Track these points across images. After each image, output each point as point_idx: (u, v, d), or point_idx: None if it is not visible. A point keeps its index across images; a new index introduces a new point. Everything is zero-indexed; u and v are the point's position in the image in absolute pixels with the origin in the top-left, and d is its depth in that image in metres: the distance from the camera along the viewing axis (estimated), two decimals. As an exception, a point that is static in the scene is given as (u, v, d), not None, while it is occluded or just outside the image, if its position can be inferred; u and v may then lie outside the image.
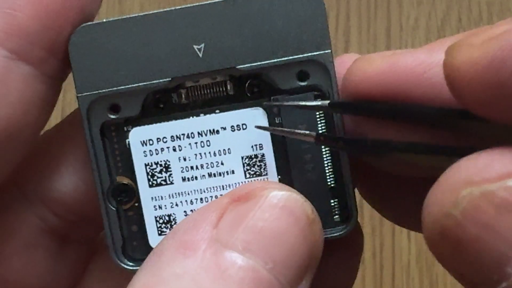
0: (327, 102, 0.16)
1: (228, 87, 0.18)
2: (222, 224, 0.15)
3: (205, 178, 0.18)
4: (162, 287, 0.14)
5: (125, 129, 0.18)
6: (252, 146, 0.18)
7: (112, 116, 0.18)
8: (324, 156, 0.18)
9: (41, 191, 0.19)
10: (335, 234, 0.18)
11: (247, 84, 0.18)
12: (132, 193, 0.18)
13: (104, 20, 0.17)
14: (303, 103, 0.17)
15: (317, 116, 0.17)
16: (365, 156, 0.18)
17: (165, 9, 0.17)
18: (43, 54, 0.16)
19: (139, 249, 0.19)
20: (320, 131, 0.18)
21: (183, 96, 0.18)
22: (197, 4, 0.17)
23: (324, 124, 0.18)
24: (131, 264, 0.18)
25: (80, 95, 0.17)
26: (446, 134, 0.15)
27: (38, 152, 0.19)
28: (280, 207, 0.15)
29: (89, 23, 0.17)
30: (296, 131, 0.17)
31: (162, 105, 0.18)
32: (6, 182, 0.18)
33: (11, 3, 0.16)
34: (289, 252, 0.15)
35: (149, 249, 0.18)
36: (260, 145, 0.18)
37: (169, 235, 0.16)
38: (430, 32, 0.43)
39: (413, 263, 0.41)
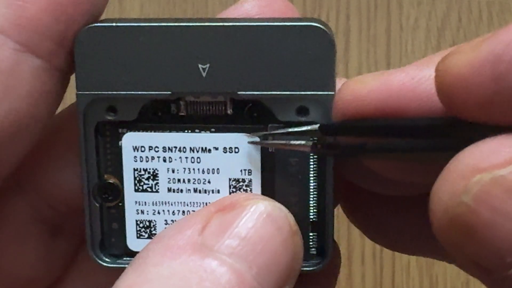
0: (316, 126, 0.16)
1: (228, 108, 0.18)
2: (208, 231, 0.15)
3: (190, 192, 0.18)
4: (147, 287, 0.14)
5: (120, 131, 0.18)
6: (241, 170, 0.18)
7: (109, 117, 0.18)
8: (311, 190, 0.18)
9: (35, 181, 0.19)
10: (309, 268, 0.18)
11: (246, 108, 0.18)
12: (117, 192, 0.18)
13: (114, 24, 0.17)
14: (292, 129, 0.17)
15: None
16: (363, 161, 0.18)
17: (176, 24, 0.17)
18: (52, 47, 0.16)
19: (116, 246, 0.19)
20: (312, 163, 0.18)
21: (182, 108, 0.18)
22: (209, 24, 0.17)
23: (316, 158, 0.18)
24: (107, 260, 0.19)
25: (79, 93, 0.17)
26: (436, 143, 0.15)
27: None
28: (264, 216, 0.16)
29: (97, 24, 0.17)
30: (291, 142, 0.17)
31: (159, 113, 0.18)
32: (10, 175, 0.18)
33: None
34: (272, 259, 0.15)
35: (126, 248, 0.19)
36: (249, 171, 0.18)
37: (154, 240, 0.16)
38: (430, 32, 0.43)
39: (413, 263, 0.41)
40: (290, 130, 0.17)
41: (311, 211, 0.18)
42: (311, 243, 0.18)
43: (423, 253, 0.20)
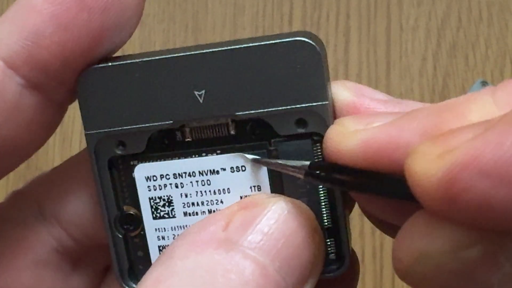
0: (307, 163, 0.17)
1: (230, 129, 0.18)
2: (231, 227, 0.16)
3: (205, 214, 0.18)
4: (174, 279, 0.15)
5: (132, 163, 0.19)
6: (250, 187, 0.18)
7: (119, 152, 0.18)
8: (322, 198, 0.18)
9: (59, 212, 0.19)
10: (330, 274, 0.18)
11: (248, 126, 0.18)
12: (138, 222, 0.19)
13: (110, 64, 0.17)
14: (285, 162, 0.17)
15: (314, 157, 0.18)
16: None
17: (168, 56, 0.17)
18: (56, 86, 0.17)
19: (144, 273, 0.19)
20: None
21: (187, 134, 0.18)
22: (199, 52, 0.17)
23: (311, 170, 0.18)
24: (135, 287, 0.19)
25: (87, 133, 0.18)
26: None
27: (60, 175, 0.20)
28: (286, 213, 0.16)
29: (95, 66, 0.17)
30: (288, 164, 0.17)
31: (166, 142, 0.18)
32: (28, 197, 0.19)
33: (38, 38, 0.16)
34: (295, 254, 0.16)
35: None
36: (259, 187, 0.18)
37: (179, 237, 0.16)
38: (430, 32, 0.43)
39: (413, 263, 0.41)
40: (280, 162, 0.17)
41: (325, 217, 0.18)
42: (329, 249, 0.18)
43: None
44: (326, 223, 0.18)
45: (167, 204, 0.18)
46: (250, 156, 0.18)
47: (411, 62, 0.43)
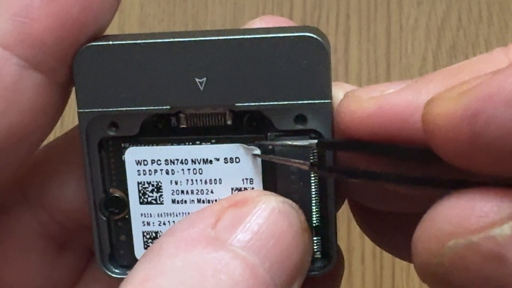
0: (315, 141, 0.17)
1: (227, 119, 0.18)
2: (221, 225, 0.16)
3: (194, 203, 0.18)
4: (162, 278, 0.15)
5: (122, 145, 0.18)
6: (243, 179, 0.18)
7: (111, 133, 0.18)
8: (313, 196, 0.18)
9: (43, 196, 0.19)
10: (315, 272, 0.18)
11: (245, 118, 0.18)
12: (123, 205, 0.19)
13: (110, 43, 0.17)
14: (292, 142, 0.17)
15: (310, 156, 0.18)
16: (356, 183, 0.18)
17: (171, 40, 0.17)
18: (55, 64, 0.16)
19: (125, 258, 0.19)
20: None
21: (182, 121, 0.18)
22: (203, 38, 0.17)
23: (316, 161, 0.18)
24: (117, 271, 0.19)
25: (81, 111, 0.18)
26: (430, 172, 0.15)
27: (44, 158, 0.19)
28: (276, 212, 0.16)
29: (94, 43, 0.17)
30: (292, 159, 0.17)
31: (160, 127, 0.18)
32: (10, 183, 0.18)
33: (28, 12, 0.16)
34: (284, 254, 0.16)
35: (135, 259, 0.19)
36: (251, 180, 0.18)
37: (167, 233, 0.16)
38: (430, 32, 0.43)
39: (413, 263, 0.41)
40: (289, 143, 0.17)
41: (314, 216, 0.18)
42: (315, 247, 0.18)
43: None
44: (315, 221, 0.18)
45: (155, 189, 0.18)
46: (249, 150, 0.18)
47: (411, 62, 0.43)
